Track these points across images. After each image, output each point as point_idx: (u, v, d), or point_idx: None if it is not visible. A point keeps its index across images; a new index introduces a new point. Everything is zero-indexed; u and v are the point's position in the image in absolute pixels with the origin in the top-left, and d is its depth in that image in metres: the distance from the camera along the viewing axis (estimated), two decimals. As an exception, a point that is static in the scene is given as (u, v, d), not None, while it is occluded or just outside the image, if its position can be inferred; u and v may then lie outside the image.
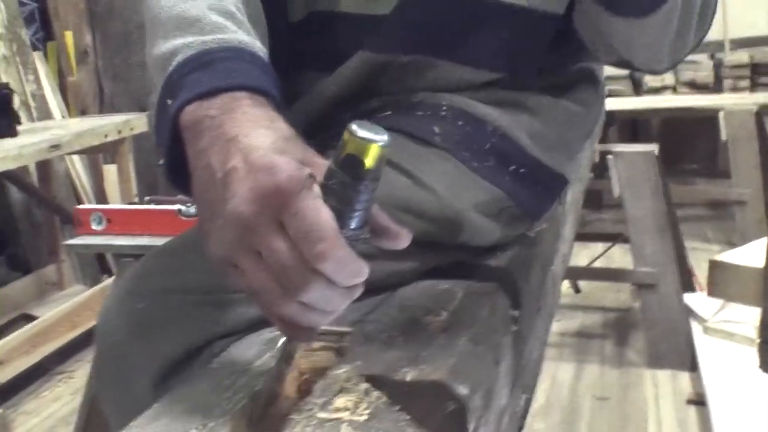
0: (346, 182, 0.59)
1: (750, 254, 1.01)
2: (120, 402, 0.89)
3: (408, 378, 0.67)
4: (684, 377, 2.70)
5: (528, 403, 1.00)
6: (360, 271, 0.60)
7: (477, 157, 0.95)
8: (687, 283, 2.95)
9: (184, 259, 0.86)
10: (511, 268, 0.97)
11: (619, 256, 3.49)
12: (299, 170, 0.59)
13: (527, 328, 1.00)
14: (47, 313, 2.91)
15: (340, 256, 0.58)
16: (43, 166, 3.30)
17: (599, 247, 3.41)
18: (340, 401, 0.64)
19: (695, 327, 2.72)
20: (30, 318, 3.02)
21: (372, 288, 0.89)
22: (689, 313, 2.77)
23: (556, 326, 3.17)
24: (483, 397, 0.72)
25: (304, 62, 1.03)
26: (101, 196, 3.61)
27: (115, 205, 2.26)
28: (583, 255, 3.54)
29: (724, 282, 1.06)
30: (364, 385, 0.67)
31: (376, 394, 0.67)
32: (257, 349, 0.77)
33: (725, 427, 2.19)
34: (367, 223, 0.62)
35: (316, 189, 0.60)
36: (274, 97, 0.68)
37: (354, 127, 0.59)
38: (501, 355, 0.82)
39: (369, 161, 0.58)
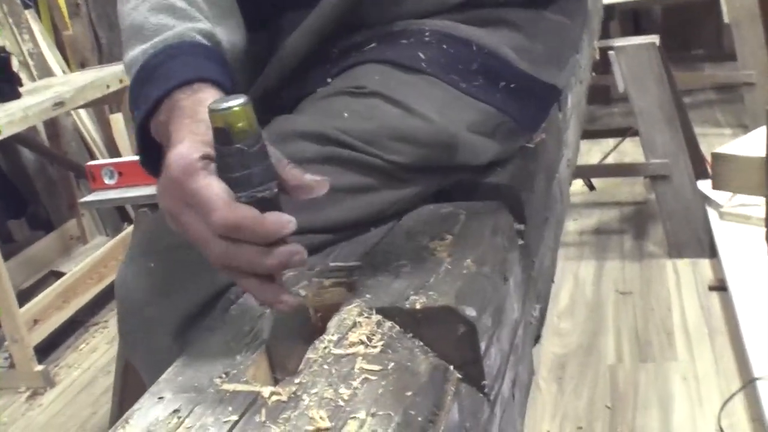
0: (227, 152, 0.66)
1: (752, 144, 1.01)
2: (146, 358, 0.92)
3: (417, 306, 0.70)
4: (704, 264, 2.73)
5: (543, 312, 1.03)
6: (272, 226, 0.66)
7: (465, 78, 0.96)
8: (700, 171, 2.95)
9: None
10: (512, 183, 0.99)
11: (631, 149, 3.49)
12: (189, 159, 0.67)
13: (535, 240, 1.02)
14: (74, 268, 2.96)
15: (234, 220, 0.65)
16: (51, 124, 3.32)
17: (610, 142, 3.40)
18: (353, 336, 0.66)
19: (711, 213, 2.74)
20: (58, 274, 3.08)
21: (378, 218, 0.92)
22: (705, 200, 2.79)
23: (573, 226, 3.19)
24: (492, 316, 0.74)
25: (284, 3, 1.04)
26: (111, 146, 3.64)
27: (125, 157, 2.28)
28: (595, 152, 3.54)
29: (727, 174, 1.06)
30: (376, 317, 0.70)
31: (388, 324, 0.70)
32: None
33: (747, 311, 2.23)
34: (273, 178, 0.68)
35: (212, 166, 0.67)
36: (206, 78, 0.77)
37: (211, 105, 0.65)
38: (509, 271, 0.84)
39: (235, 127, 0.64)
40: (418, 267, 0.78)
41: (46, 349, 2.78)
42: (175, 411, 0.59)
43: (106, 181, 1.86)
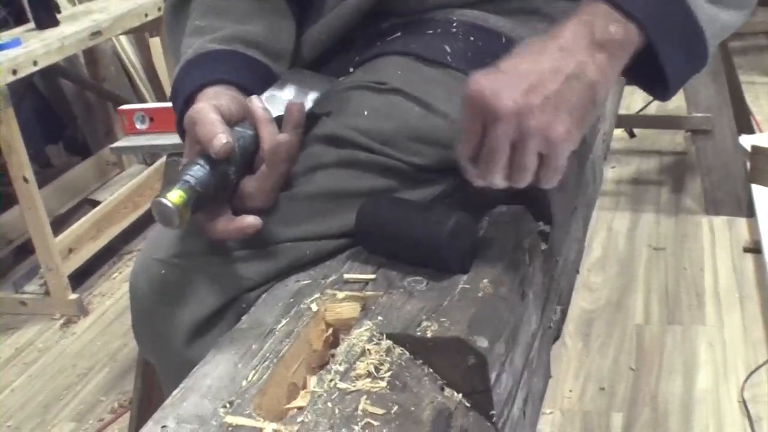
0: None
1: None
2: (158, 362, 0.93)
3: (428, 334, 0.69)
4: (741, 224, 2.68)
5: (564, 313, 1.02)
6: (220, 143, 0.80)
7: None
8: (744, 124, 2.88)
9: None
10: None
11: (675, 97, 3.40)
12: (200, 108, 0.84)
13: (560, 239, 1.00)
14: (109, 197, 2.98)
15: (206, 130, 0.81)
16: (89, 49, 3.30)
17: (654, 90, 3.32)
18: (361, 366, 0.66)
19: (752, 172, 2.69)
20: (93, 203, 3.10)
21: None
22: (746, 156, 2.72)
23: (611, 173, 3.15)
24: (506, 341, 0.73)
25: None
26: (150, 70, 3.63)
27: (157, 103, 2.27)
28: (637, 98, 3.47)
29: (766, 169, 1.02)
30: (386, 343, 0.69)
31: (398, 351, 0.69)
32: (284, 303, 0.79)
33: (781, 278, 2.20)
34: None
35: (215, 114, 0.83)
36: (225, 80, 0.91)
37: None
38: (528, 285, 0.83)
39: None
40: (433, 285, 0.77)
41: (79, 277, 2.82)
42: (177, 445, 0.59)
43: (138, 126, 1.85)
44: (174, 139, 1.80)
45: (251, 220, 0.83)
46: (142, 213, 3.05)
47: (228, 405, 0.64)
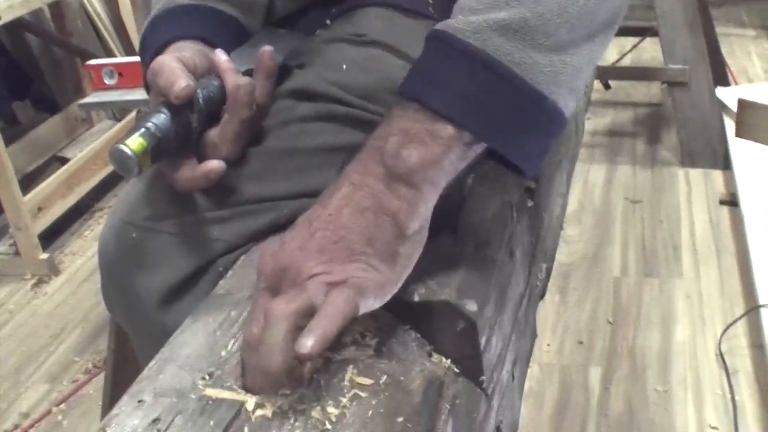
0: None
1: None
2: (131, 327, 0.90)
3: (416, 298, 0.66)
4: (717, 176, 2.68)
5: (549, 271, 1.00)
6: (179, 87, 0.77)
7: None
8: (720, 76, 2.87)
9: None
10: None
11: (650, 47, 3.38)
12: (162, 59, 0.80)
13: (545, 195, 0.98)
14: (79, 154, 2.92)
15: (166, 77, 0.78)
16: (55, 2, 3.21)
17: (630, 41, 3.30)
18: (347, 336, 0.63)
19: (728, 123, 2.68)
20: (62, 160, 3.04)
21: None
22: (722, 109, 2.71)
23: (587, 125, 3.12)
24: (495, 302, 0.71)
25: None
26: (118, 25, 3.54)
27: (125, 58, 2.21)
28: (612, 49, 3.44)
29: (752, 123, 1.01)
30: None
31: (384, 316, 0.66)
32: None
33: (757, 230, 2.20)
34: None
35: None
36: (194, 36, 0.88)
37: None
38: (516, 244, 0.80)
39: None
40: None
41: (49, 236, 2.77)
42: (155, 420, 0.57)
43: (107, 81, 1.81)
44: (144, 94, 1.76)
45: (215, 164, 0.80)
46: (112, 169, 2.98)
47: (207, 377, 0.61)
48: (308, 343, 0.56)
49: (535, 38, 0.65)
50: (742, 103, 1.04)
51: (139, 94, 1.76)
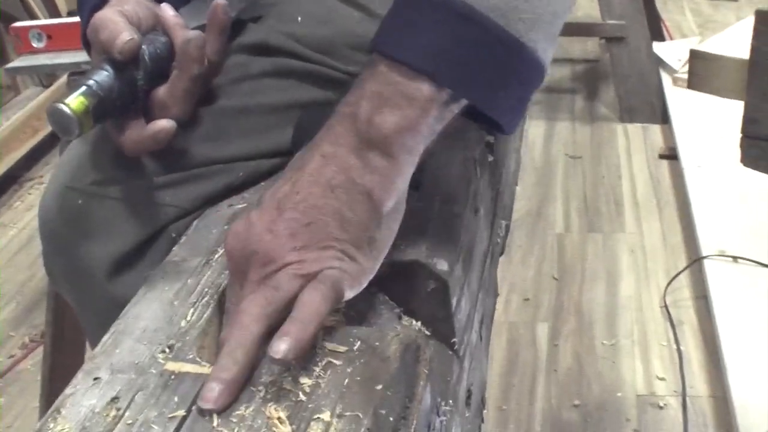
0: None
1: (733, 42, 0.94)
2: (78, 299, 0.85)
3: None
4: (656, 131, 2.69)
5: (508, 228, 0.97)
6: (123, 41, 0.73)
7: None
8: (656, 32, 2.87)
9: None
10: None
11: (586, 5, 3.38)
12: (102, 13, 0.76)
13: (502, 150, 0.96)
14: (6, 123, 2.82)
15: (109, 32, 0.74)
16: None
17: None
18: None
19: (665, 78, 2.69)
20: (-12, 129, 2.93)
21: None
22: (659, 64, 2.72)
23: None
24: (464, 261, 0.68)
25: None
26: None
27: (54, 19, 2.12)
28: (549, 6, 3.42)
29: (705, 74, 0.99)
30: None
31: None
32: (218, 231, 0.72)
33: (697, 182, 2.22)
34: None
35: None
36: None
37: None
38: (480, 200, 0.78)
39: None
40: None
41: (-23, 208, 2.68)
42: (114, 399, 0.53)
43: (34, 44, 1.71)
44: (76, 57, 1.68)
45: (163, 124, 0.75)
46: (42, 137, 2.90)
47: (167, 350, 0.57)
48: (282, 347, 0.52)
49: None
50: (695, 54, 1.02)
51: (71, 57, 1.68)
